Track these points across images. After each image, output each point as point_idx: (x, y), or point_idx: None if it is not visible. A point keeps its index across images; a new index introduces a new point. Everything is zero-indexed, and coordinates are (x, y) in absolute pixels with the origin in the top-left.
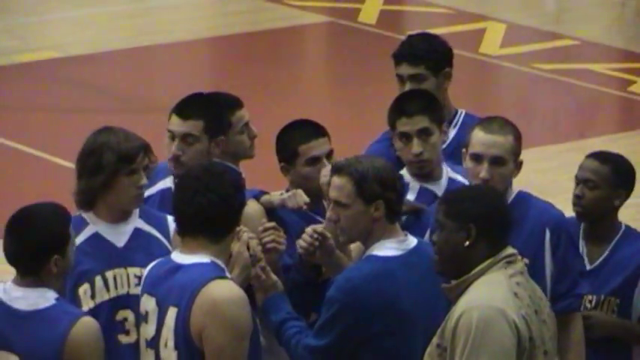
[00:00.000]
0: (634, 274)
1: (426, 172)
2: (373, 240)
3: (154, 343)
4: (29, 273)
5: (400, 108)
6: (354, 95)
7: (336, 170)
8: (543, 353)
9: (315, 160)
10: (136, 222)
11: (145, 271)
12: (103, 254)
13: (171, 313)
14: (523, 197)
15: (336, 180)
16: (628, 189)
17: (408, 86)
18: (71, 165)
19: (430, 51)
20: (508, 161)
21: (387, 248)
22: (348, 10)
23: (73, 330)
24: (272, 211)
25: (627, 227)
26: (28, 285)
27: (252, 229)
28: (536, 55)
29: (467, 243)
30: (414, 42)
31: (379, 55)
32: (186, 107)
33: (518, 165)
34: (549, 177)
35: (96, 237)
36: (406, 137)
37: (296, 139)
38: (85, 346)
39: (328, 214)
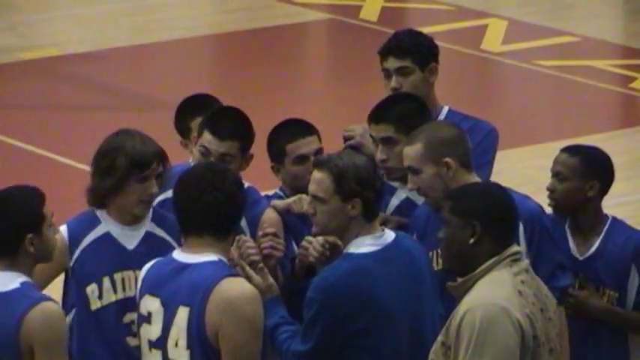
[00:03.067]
0: (626, 264)
1: (393, 178)
2: (350, 237)
3: (160, 343)
4: (4, 254)
5: (371, 112)
6: (356, 93)
7: (317, 164)
8: (549, 351)
9: (302, 159)
10: (148, 225)
11: (143, 272)
12: (113, 255)
13: (182, 312)
14: None
15: (316, 174)
16: (602, 179)
17: (394, 81)
18: (72, 162)
19: (416, 44)
20: (420, 169)
21: (363, 245)
22: (349, 7)
23: (30, 314)
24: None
25: (614, 219)
26: (0, 268)
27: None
28: (537, 51)
29: (472, 240)
30: (400, 36)
31: None
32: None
33: (446, 164)
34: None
35: (106, 237)
36: (374, 142)
37: (283, 137)
38: (40, 332)
39: (305, 206)
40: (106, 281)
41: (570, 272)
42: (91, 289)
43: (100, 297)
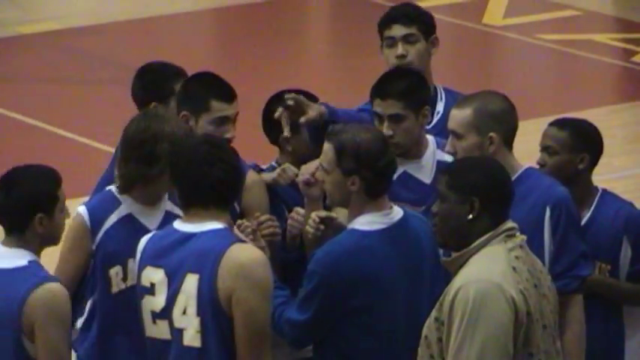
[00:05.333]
0: (618, 236)
1: (398, 154)
2: (354, 211)
3: (165, 313)
4: (13, 231)
5: (377, 88)
6: (358, 66)
7: (327, 135)
8: (542, 327)
9: None
10: (166, 204)
11: (141, 244)
12: (137, 237)
13: (191, 280)
14: (530, 174)
15: (325, 144)
16: (592, 151)
17: (400, 47)
18: (73, 135)
19: (421, 14)
20: (464, 135)
21: (368, 222)
22: None
23: (34, 293)
24: (271, 187)
25: (604, 191)
26: (9, 244)
27: (254, 198)
28: (539, 25)
29: (470, 216)
30: (403, 6)
31: None
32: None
33: (490, 139)
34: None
35: (129, 218)
36: (379, 118)
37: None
38: (42, 312)
39: (317, 174)
40: (131, 263)
41: (591, 262)
42: (115, 271)
43: (125, 279)
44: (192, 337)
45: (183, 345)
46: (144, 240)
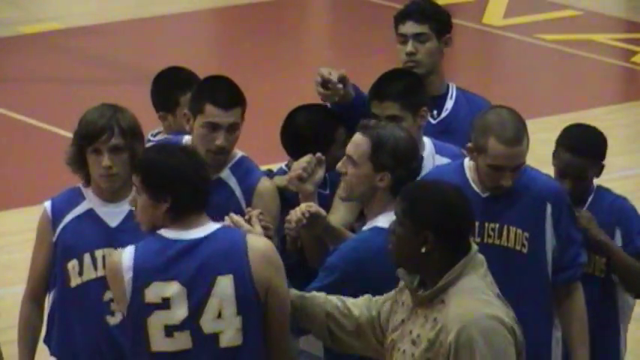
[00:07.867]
0: (611, 229)
1: None
2: (374, 208)
3: (189, 323)
4: None
5: (375, 90)
6: (358, 66)
7: (361, 127)
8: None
9: (346, 140)
10: None
11: (127, 262)
12: (95, 232)
13: (225, 281)
14: (523, 170)
15: (357, 136)
16: (603, 158)
17: (410, 45)
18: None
19: (436, 12)
20: (525, 162)
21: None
22: None
23: None
24: (280, 192)
25: (599, 187)
26: None
27: (265, 206)
28: (539, 25)
29: (424, 249)
30: (420, 3)
31: (383, 25)
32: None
33: None
34: (552, 147)
35: (90, 214)
36: (377, 120)
37: (329, 126)
38: None
39: (338, 165)
40: (87, 258)
41: (585, 248)
42: (72, 265)
43: (81, 273)
44: (231, 338)
45: (219, 348)
46: (128, 258)
